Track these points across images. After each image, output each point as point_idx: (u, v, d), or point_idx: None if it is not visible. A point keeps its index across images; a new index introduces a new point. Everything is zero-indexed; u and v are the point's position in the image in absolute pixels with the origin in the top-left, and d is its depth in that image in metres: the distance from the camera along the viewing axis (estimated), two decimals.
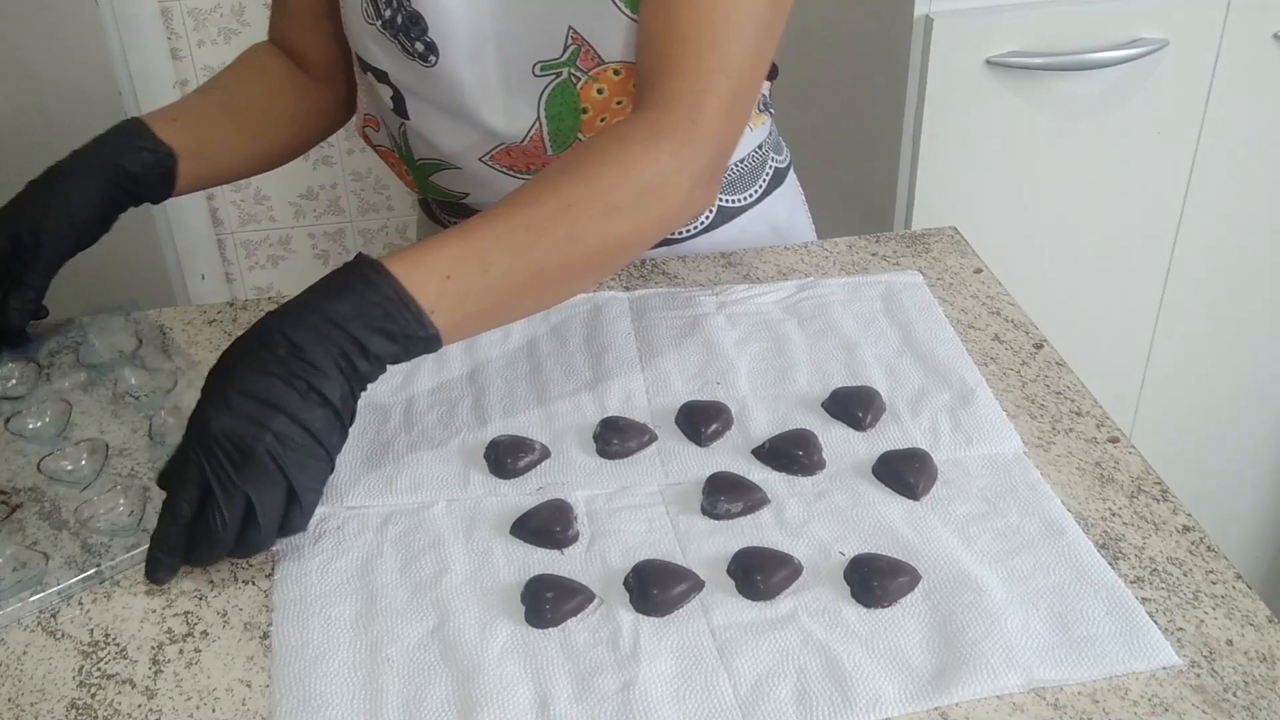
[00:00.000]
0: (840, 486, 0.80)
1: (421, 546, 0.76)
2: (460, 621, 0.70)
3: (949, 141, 1.46)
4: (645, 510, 0.78)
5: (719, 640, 0.68)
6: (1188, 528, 0.77)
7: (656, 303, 1.00)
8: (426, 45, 0.93)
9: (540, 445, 0.83)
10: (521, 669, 0.67)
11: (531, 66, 0.94)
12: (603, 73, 0.94)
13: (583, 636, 0.69)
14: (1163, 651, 0.67)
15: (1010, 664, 0.66)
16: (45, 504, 0.81)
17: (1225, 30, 1.44)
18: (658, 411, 0.87)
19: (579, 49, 0.93)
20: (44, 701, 0.67)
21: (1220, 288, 1.66)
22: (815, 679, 0.66)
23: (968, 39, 1.39)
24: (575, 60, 0.93)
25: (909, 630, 0.69)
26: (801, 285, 1.01)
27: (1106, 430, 0.86)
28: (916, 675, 0.66)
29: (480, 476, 0.81)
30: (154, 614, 0.73)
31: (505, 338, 0.95)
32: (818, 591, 0.71)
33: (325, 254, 2.05)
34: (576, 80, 0.94)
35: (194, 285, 1.98)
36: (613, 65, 0.94)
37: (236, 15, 1.81)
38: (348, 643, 0.69)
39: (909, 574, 0.71)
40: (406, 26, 0.93)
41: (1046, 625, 0.69)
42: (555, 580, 0.72)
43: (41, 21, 1.68)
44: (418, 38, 0.93)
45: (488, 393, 0.89)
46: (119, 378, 0.92)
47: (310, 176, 1.97)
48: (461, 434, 0.85)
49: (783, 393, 0.89)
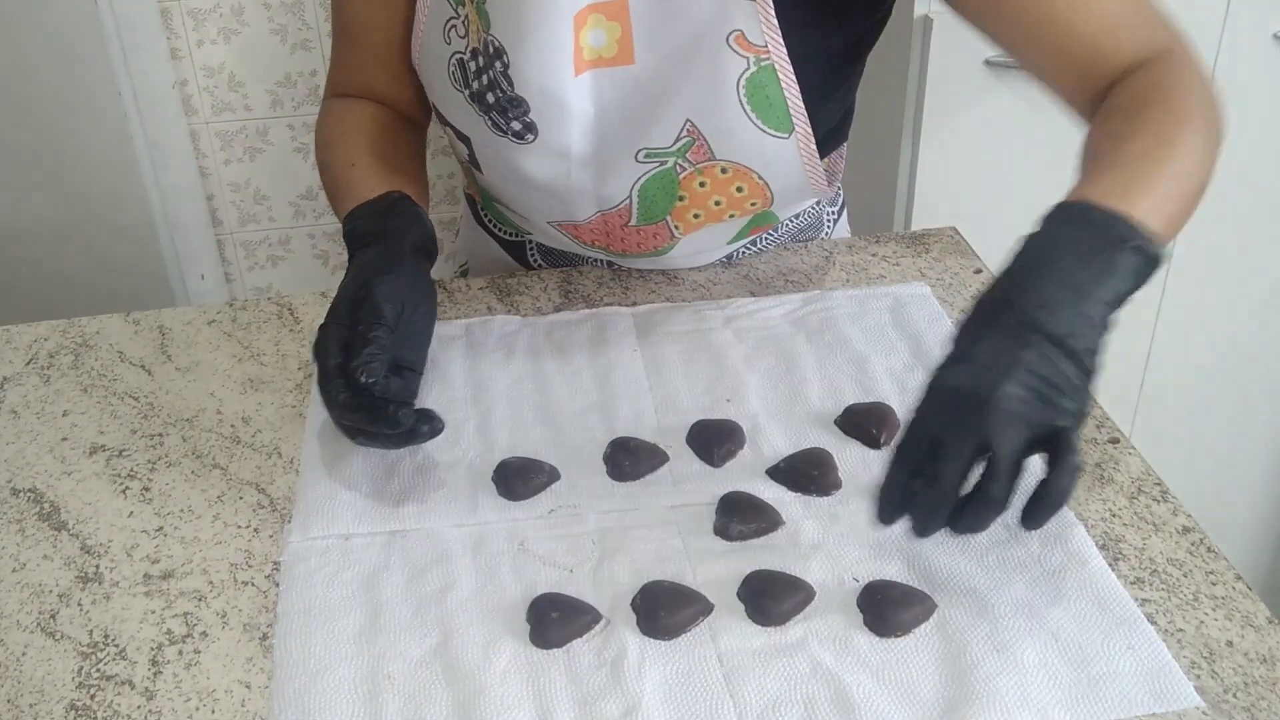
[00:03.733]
0: (856, 508, 0.78)
1: (428, 561, 0.75)
2: (464, 640, 0.69)
3: (949, 141, 1.46)
4: (656, 530, 0.77)
5: (726, 667, 0.67)
6: (1188, 528, 0.77)
7: (661, 318, 0.98)
8: (525, 125, 0.90)
9: (549, 467, 0.82)
10: (523, 690, 0.66)
11: (635, 153, 0.91)
12: (710, 168, 0.92)
13: (587, 659, 0.68)
14: (1184, 693, 0.65)
15: (1024, 703, 0.64)
16: None
17: (1225, 30, 1.44)
18: (668, 430, 0.86)
19: (692, 142, 0.90)
20: (43, 702, 0.67)
21: (1220, 288, 1.66)
22: (823, 709, 0.65)
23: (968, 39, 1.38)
24: (685, 153, 0.91)
25: (921, 662, 0.67)
26: (808, 299, 1.00)
27: (1106, 431, 0.86)
28: (927, 709, 0.64)
29: (489, 499, 0.80)
30: (153, 615, 0.73)
31: (508, 357, 0.94)
32: (829, 618, 0.70)
33: (325, 254, 2.05)
34: (681, 170, 0.92)
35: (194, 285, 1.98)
36: (721, 163, 0.91)
37: (236, 15, 1.80)
38: (349, 658, 0.69)
39: (924, 603, 0.70)
40: (504, 108, 0.89)
41: (1064, 661, 0.67)
42: (562, 599, 0.71)
43: (41, 21, 1.68)
44: (516, 118, 0.90)
45: (493, 414, 0.88)
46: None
47: (310, 176, 1.97)
48: (469, 456, 0.84)
49: (795, 410, 0.87)
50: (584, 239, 1.00)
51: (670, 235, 0.98)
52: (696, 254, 1.03)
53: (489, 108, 0.90)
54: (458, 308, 1.01)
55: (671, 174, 0.92)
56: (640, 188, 0.93)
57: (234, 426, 0.88)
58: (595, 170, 0.93)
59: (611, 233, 0.99)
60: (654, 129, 0.90)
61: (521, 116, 0.89)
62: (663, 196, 0.94)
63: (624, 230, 0.98)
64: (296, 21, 1.82)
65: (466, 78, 0.90)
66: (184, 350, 0.97)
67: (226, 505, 0.81)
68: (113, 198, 1.82)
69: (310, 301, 1.02)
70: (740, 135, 0.89)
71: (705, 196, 0.94)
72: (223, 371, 0.94)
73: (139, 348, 0.97)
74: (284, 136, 1.92)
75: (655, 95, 0.88)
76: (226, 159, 1.93)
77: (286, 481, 0.83)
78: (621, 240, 0.99)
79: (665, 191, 0.93)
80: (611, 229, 0.98)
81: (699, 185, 0.93)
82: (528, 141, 0.90)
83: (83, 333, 0.99)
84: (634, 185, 0.93)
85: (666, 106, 0.88)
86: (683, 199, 0.94)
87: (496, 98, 0.89)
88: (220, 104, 1.88)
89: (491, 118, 0.90)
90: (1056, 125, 1.50)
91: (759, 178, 0.92)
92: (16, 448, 0.87)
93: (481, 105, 0.90)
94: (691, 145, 0.90)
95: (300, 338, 0.98)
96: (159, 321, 1.01)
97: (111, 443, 0.87)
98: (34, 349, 0.97)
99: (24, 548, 0.78)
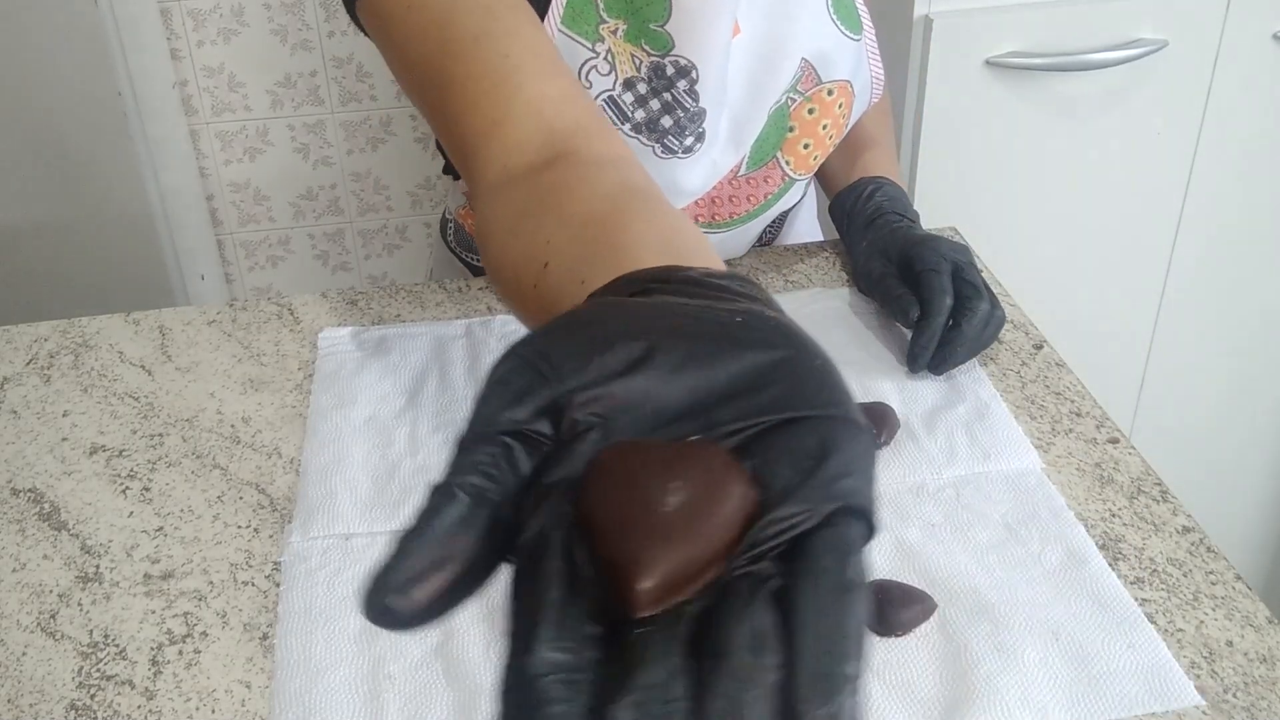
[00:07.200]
0: None
1: None
2: (464, 639, 0.69)
3: (949, 141, 1.46)
4: None
5: None
6: (1188, 528, 0.77)
7: None
8: (698, 136, 0.90)
9: None
10: None
11: (767, 110, 0.94)
12: (818, 93, 0.95)
13: None
14: (1185, 692, 0.65)
15: (1024, 702, 0.64)
16: None
17: (1225, 30, 1.44)
18: None
19: (802, 74, 0.94)
20: (43, 702, 0.67)
21: (1220, 288, 1.66)
22: None
23: (968, 39, 1.39)
24: (797, 84, 0.94)
25: (922, 661, 0.67)
26: (808, 297, 1.00)
27: (1106, 431, 0.86)
28: (927, 708, 0.64)
29: None
30: (153, 615, 0.73)
31: None
32: None
33: (325, 254, 2.05)
34: (792, 103, 0.95)
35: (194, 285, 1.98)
36: (827, 85, 0.95)
37: (236, 15, 1.81)
38: (350, 658, 0.69)
39: (924, 602, 0.70)
40: (683, 126, 0.89)
41: (1065, 660, 0.67)
42: None
43: (41, 21, 1.68)
44: (692, 133, 0.90)
45: None
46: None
47: (310, 177, 1.97)
48: None
49: None
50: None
51: (783, 176, 0.99)
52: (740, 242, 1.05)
53: (664, 132, 0.89)
54: (458, 308, 1.01)
55: (784, 109, 0.95)
56: (756, 136, 0.96)
57: (234, 426, 0.88)
58: (736, 147, 0.95)
59: (718, 196, 0.99)
60: (777, 80, 0.92)
61: (697, 129, 0.90)
62: (774, 132, 0.96)
63: (733, 184, 0.99)
64: (296, 21, 1.82)
65: (624, 111, 0.89)
66: (184, 350, 0.97)
67: (226, 505, 0.81)
68: (113, 198, 1.82)
69: (310, 302, 1.02)
70: (837, 50, 0.93)
71: (814, 123, 0.97)
72: (223, 371, 0.94)
73: (139, 348, 0.97)
74: (284, 136, 1.92)
75: (772, 50, 0.91)
76: (226, 159, 1.93)
77: (286, 481, 0.83)
78: (729, 200, 0.99)
79: (776, 126, 0.96)
80: (720, 191, 0.99)
81: (808, 113, 0.96)
82: (695, 152, 0.91)
83: (83, 333, 0.99)
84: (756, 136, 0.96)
85: (782, 53, 0.91)
86: (792, 129, 0.97)
87: (677, 119, 0.88)
88: (220, 104, 1.88)
89: (665, 141, 0.90)
90: (1056, 125, 1.50)
91: (852, 88, 0.96)
92: (16, 448, 0.87)
93: (653, 132, 0.89)
94: (802, 76, 0.94)
95: (300, 338, 0.98)
96: (159, 321, 1.00)
97: (111, 443, 0.87)
98: (34, 349, 0.97)
99: (24, 548, 0.78)
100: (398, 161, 1.97)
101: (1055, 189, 1.52)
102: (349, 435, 0.86)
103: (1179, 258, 1.61)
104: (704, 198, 0.98)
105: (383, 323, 0.99)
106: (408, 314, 1.00)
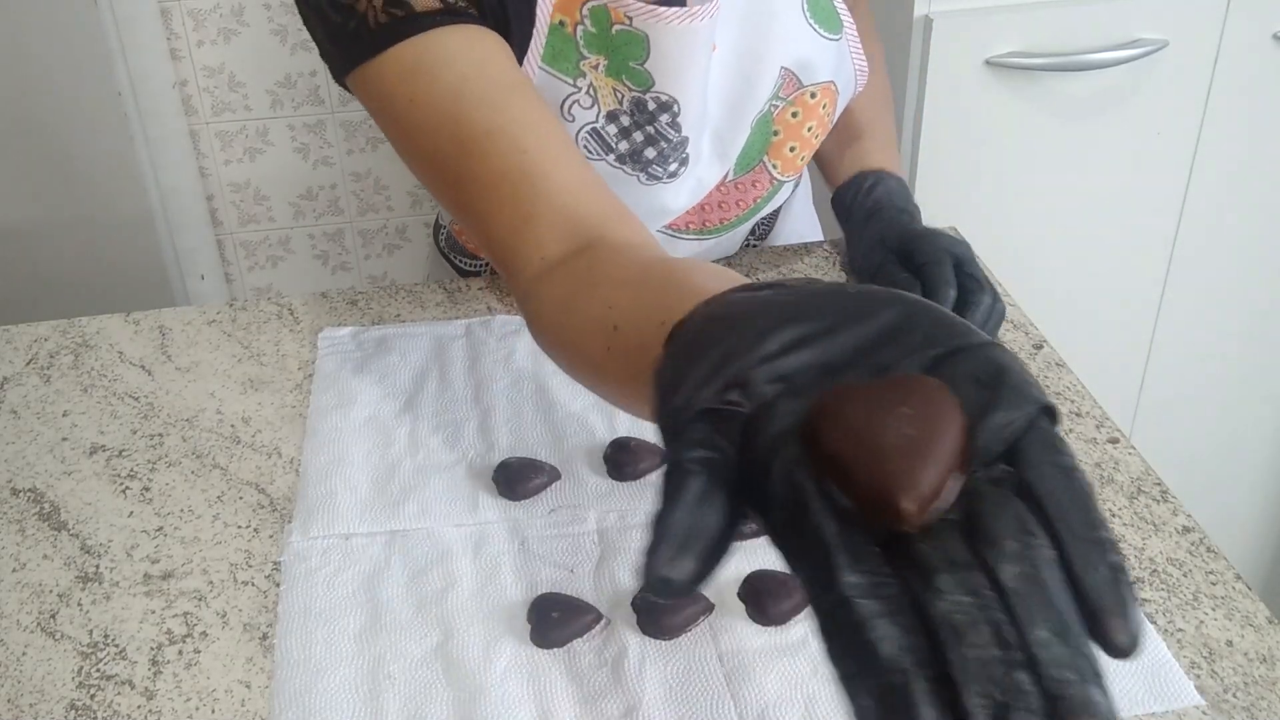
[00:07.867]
0: None
1: (429, 561, 0.75)
2: (464, 639, 0.69)
3: (949, 142, 1.46)
4: None
5: (726, 666, 0.67)
6: (1188, 528, 0.77)
7: None
8: (681, 161, 0.90)
9: (550, 467, 0.82)
10: (524, 690, 0.66)
11: (749, 122, 0.94)
12: (800, 97, 0.94)
13: (587, 658, 0.68)
14: (1185, 691, 0.65)
15: None
16: None
17: (1225, 30, 1.44)
18: None
19: (784, 80, 0.93)
20: (43, 702, 0.67)
21: (1220, 288, 1.66)
22: (823, 709, 0.64)
23: (967, 39, 1.39)
24: (778, 92, 0.93)
25: None
26: None
27: (1106, 431, 0.86)
28: None
29: (490, 499, 0.80)
30: (153, 615, 0.73)
31: (509, 357, 0.94)
32: None
33: (325, 254, 2.05)
34: (774, 108, 0.95)
35: (194, 285, 1.98)
36: (810, 89, 0.94)
37: (236, 16, 1.81)
38: (350, 657, 0.69)
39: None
40: (666, 156, 0.89)
41: None
42: (562, 599, 0.71)
43: (41, 21, 1.68)
44: (675, 159, 0.90)
45: (493, 414, 0.88)
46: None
47: (310, 177, 1.97)
48: (469, 456, 0.84)
49: None
50: (674, 226, 1.01)
51: (770, 179, 0.99)
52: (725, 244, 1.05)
53: (648, 162, 0.89)
54: (458, 308, 1.01)
55: (768, 116, 0.95)
56: (741, 148, 0.96)
57: (234, 426, 0.88)
58: (721, 161, 0.95)
59: (707, 204, 0.99)
60: (757, 93, 0.92)
61: (680, 155, 0.90)
62: (758, 139, 0.96)
63: (721, 191, 0.98)
64: (296, 21, 1.82)
65: (608, 143, 0.88)
66: (184, 350, 0.97)
67: (226, 505, 0.81)
68: (113, 198, 1.82)
69: (310, 302, 1.02)
70: (816, 54, 0.92)
71: (799, 126, 0.96)
72: (223, 371, 0.94)
73: (139, 348, 0.97)
74: (284, 136, 1.92)
75: (751, 64, 0.91)
76: (226, 159, 1.93)
77: (286, 481, 0.83)
78: (719, 206, 0.99)
79: (760, 134, 0.96)
80: (709, 199, 0.99)
81: (792, 116, 0.96)
82: (679, 176, 0.91)
83: (83, 333, 0.99)
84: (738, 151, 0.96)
85: (761, 67, 0.91)
86: (777, 133, 0.96)
87: (660, 150, 0.89)
88: (220, 104, 1.88)
89: (650, 170, 0.90)
90: (1056, 125, 1.50)
91: (836, 87, 0.95)
92: (16, 448, 0.87)
93: (637, 163, 0.89)
94: (783, 84, 0.93)
95: (300, 338, 0.98)
96: (159, 321, 1.00)
97: (111, 443, 0.87)
98: (34, 349, 0.97)
99: (24, 548, 0.78)
100: (398, 161, 1.96)
101: (1055, 189, 1.52)
102: (349, 435, 0.86)
103: (1179, 258, 1.61)
104: (693, 207, 0.98)
105: (383, 323, 0.99)
106: (408, 314, 1.00)
